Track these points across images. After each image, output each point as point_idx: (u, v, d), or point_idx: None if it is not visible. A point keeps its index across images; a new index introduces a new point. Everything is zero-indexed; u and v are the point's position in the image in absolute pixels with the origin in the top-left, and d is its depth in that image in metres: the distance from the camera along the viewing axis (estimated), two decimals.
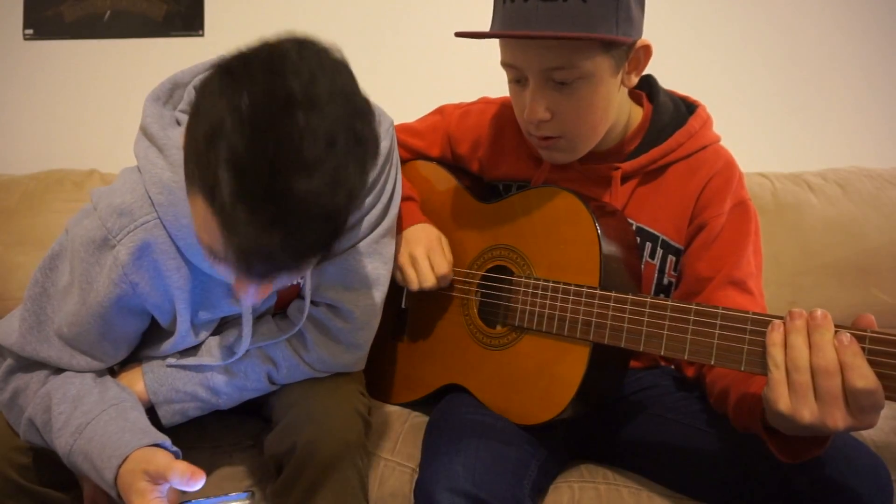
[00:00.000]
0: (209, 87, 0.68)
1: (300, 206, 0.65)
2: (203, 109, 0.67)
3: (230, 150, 0.63)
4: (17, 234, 1.91)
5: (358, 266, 1.02)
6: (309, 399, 0.99)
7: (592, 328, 0.93)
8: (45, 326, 0.91)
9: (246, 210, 0.64)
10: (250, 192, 0.64)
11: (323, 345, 1.02)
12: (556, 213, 1.02)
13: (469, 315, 1.12)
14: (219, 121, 0.64)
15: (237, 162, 0.63)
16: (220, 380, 0.98)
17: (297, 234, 0.66)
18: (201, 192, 0.67)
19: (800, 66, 1.84)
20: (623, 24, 0.93)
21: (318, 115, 0.65)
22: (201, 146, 0.66)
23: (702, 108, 1.11)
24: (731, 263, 1.02)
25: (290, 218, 0.65)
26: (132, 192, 0.88)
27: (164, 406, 0.96)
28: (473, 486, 0.87)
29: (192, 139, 0.68)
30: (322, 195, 0.65)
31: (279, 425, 0.97)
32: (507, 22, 0.95)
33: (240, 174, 0.64)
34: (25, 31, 2.07)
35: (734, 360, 0.78)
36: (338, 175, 0.66)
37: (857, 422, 0.68)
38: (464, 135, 1.24)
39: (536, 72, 0.97)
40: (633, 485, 1.05)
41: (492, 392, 1.06)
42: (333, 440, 0.93)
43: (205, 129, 0.66)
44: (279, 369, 1.01)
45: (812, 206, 1.63)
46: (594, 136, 1.05)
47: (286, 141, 0.64)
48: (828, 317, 0.70)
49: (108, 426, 0.86)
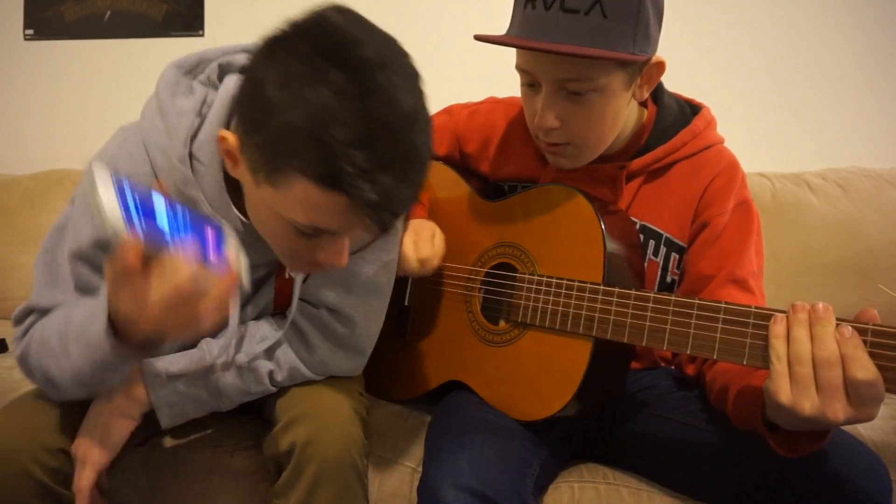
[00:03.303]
0: (285, 76, 0.72)
1: (420, 154, 0.74)
2: (285, 99, 0.71)
3: (349, 130, 0.69)
4: (17, 234, 1.91)
5: (360, 271, 1.03)
6: (308, 400, 0.99)
7: (595, 324, 0.93)
8: (60, 284, 0.92)
9: (384, 175, 0.71)
10: (381, 159, 0.71)
11: (325, 348, 1.02)
12: (560, 211, 1.03)
13: (472, 312, 1.12)
14: (320, 106, 0.69)
15: (360, 136, 0.69)
16: (225, 382, 0.97)
17: (419, 178, 0.76)
18: (309, 175, 0.72)
19: (800, 66, 1.84)
20: (640, 42, 0.94)
21: (392, 71, 0.72)
22: (302, 131, 0.70)
23: (706, 109, 1.12)
24: (732, 262, 1.02)
25: (415, 166, 0.75)
26: (121, 146, 0.92)
27: (164, 409, 0.95)
28: (479, 483, 0.87)
29: (283, 126, 0.71)
30: (427, 136, 0.76)
31: (278, 426, 0.97)
32: (525, 28, 0.95)
33: (368, 146, 0.70)
34: (25, 31, 2.07)
35: (737, 354, 0.78)
36: (427, 116, 0.76)
37: (857, 413, 0.68)
38: (472, 134, 1.24)
39: (550, 81, 0.98)
40: (633, 485, 1.05)
41: (494, 388, 1.06)
42: (333, 441, 0.93)
43: (305, 116, 0.70)
44: (281, 370, 1.00)
45: (812, 206, 1.64)
46: (601, 145, 1.06)
47: (387, 102, 0.71)
48: (829, 310, 0.70)
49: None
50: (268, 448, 0.98)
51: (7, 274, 1.89)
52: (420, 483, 0.93)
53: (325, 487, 0.91)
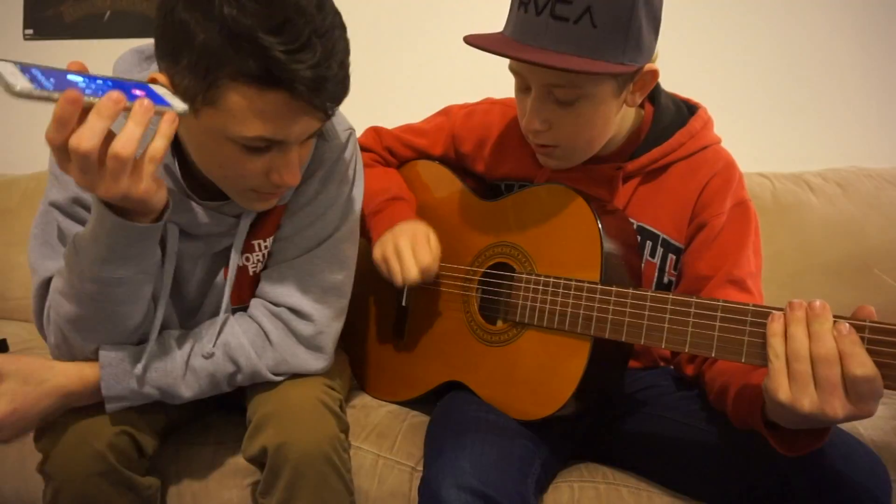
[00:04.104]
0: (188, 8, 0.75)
1: (332, 28, 0.78)
2: (196, 16, 0.75)
3: (260, 21, 0.73)
4: (18, 234, 1.91)
5: (315, 270, 1.02)
6: (273, 400, 0.98)
7: (593, 323, 0.93)
8: (59, 256, 0.93)
9: (307, 52, 0.75)
10: (298, 37, 0.74)
11: (285, 345, 1.01)
12: (557, 210, 1.03)
13: (470, 312, 1.12)
14: (229, 10, 0.73)
15: (272, 23, 0.73)
16: (183, 384, 0.96)
17: (337, 51, 0.79)
18: (242, 79, 0.76)
19: (800, 66, 1.84)
20: (631, 52, 0.93)
21: None
22: (222, 38, 0.74)
23: (703, 109, 1.12)
24: (730, 262, 1.02)
25: (327, 35, 0.77)
26: None
27: (113, 402, 0.93)
28: (480, 483, 0.86)
29: (205, 41, 0.75)
30: (336, 16, 0.80)
31: (249, 428, 0.97)
32: (517, 31, 0.95)
33: (280, 30, 0.74)
34: (25, 31, 2.07)
35: (735, 352, 0.78)
36: (333, 6, 0.81)
37: (856, 410, 0.68)
38: (468, 134, 1.24)
39: (539, 85, 0.98)
40: (633, 484, 1.05)
41: (492, 388, 1.06)
42: (303, 440, 0.92)
43: (220, 25, 0.74)
44: (241, 371, 0.99)
45: (812, 206, 1.63)
46: (590, 149, 1.06)
47: None
48: (826, 307, 0.70)
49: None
50: (244, 451, 0.98)
51: (7, 274, 1.89)
52: (421, 483, 0.93)
53: (302, 486, 0.92)
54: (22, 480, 1.18)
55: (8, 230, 1.93)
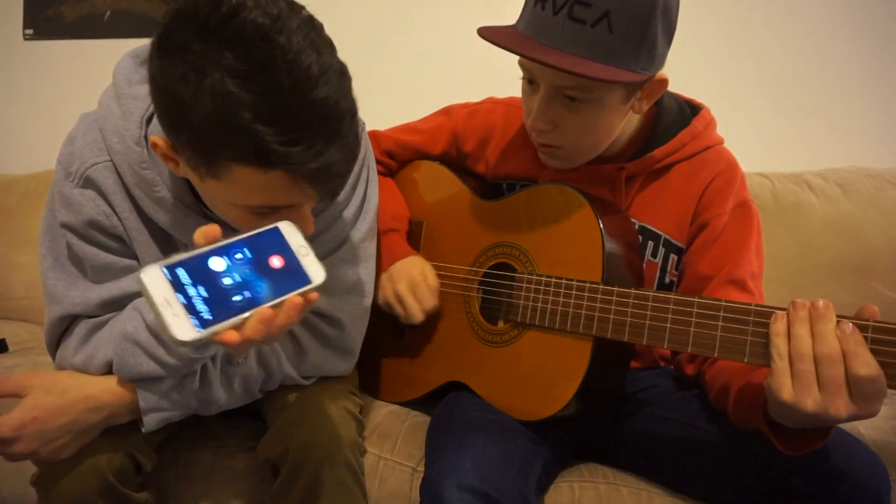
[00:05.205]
0: (182, 72, 0.69)
1: (330, 108, 0.71)
2: (191, 95, 0.69)
3: (254, 110, 0.68)
4: (17, 234, 1.91)
5: (339, 272, 1.02)
6: (299, 403, 0.98)
7: (595, 323, 0.93)
8: (78, 281, 0.93)
9: (305, 142, 0.70)
10: (295, 128, 0.70)
11: (317, 351, 1.01)
12: (558, 210, 1.03)
13: (471, 312, 1.12)
14: (223, 93, 0.68)
15: (266, 114, 0.68)
16: (218, 391, 0.96)
17: (345, 131, 0.74)
18: (243, 161, 0.72)
19: (800, 66, 1.84)
20: (644, 60, 0.93)
21: (282, 30, 0.69)
22: (217, 122, 0.69)
23: (706, 110, 1.12)
24: (731, 263, 1.02)
25: (330, 122, 0.72)
26: (84, 135, 0.92)
27: (151, 413, 0.92)
28: (482, 483, 0.87)
29: (201, 122, 0.70)
30: (335, 86, 0.72)
31: (271, 429, 0.97)
32: (532, 26, 0.94)
33: (277, 120, 0.69)
34: (25, 31, 2.07)
35: (737, 352, 0.78)
36: (336, 64, 0.74)
37: (859, 410, 0.68)
38: (471, 133, 1.24)
39: (548, 85, 0.97)
40: (633, 484, 1.05)
41: (494, 389, 1.06)
42: (326, 443, 0.93)
43: (214, 108, 0.68)
44: (273, 377, 0.99)
45: (812, 206, 1.64)
46: (593, 152, 1.06)
47: (284, 69, 0.68)
48: (830, 306, 0.70)
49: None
50: (261, 452, 0.98)
51: (7, 274, 1.89)
52: (423, 483, 0.93)
53: (320, 490, 0.91)
54: (22, 482, 1.18)
55: (8, 230, 1.92)
